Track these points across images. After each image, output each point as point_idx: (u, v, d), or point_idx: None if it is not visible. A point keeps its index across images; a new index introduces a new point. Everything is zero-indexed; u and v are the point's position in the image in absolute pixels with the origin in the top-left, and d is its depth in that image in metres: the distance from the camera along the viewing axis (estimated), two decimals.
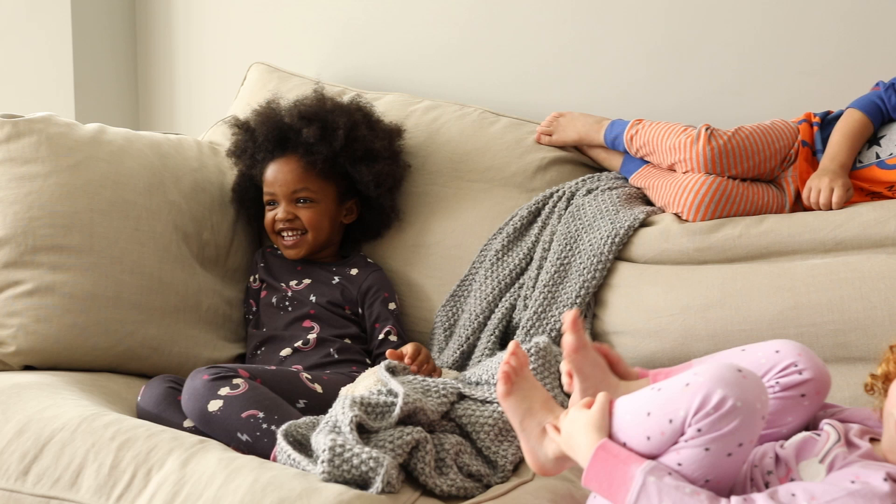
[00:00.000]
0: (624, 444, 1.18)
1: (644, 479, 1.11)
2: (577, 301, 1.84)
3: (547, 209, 2.03)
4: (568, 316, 1.35)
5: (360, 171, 2.01)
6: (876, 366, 1.31)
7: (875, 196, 1.86)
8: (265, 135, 2.01)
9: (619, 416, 1.20)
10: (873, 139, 1.90)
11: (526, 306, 1.91)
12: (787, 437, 1.29)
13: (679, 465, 1.13)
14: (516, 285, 1.96)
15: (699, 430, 1.11)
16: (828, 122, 1.96)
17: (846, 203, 1.82)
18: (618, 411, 1.21)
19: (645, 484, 1.11)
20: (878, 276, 1.66)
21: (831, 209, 1.82)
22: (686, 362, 1.38)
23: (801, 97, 2.11)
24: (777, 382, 1.25)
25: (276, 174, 2.00)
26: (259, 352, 1.93)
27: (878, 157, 1.88)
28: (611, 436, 1.20)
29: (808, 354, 1.26)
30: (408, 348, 1.72)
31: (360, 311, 1.98)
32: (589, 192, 2.03)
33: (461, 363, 1.92)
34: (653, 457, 1.16)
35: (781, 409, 1.25)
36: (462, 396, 1.60)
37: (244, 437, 1.53)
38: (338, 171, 2.01)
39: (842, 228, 1.76)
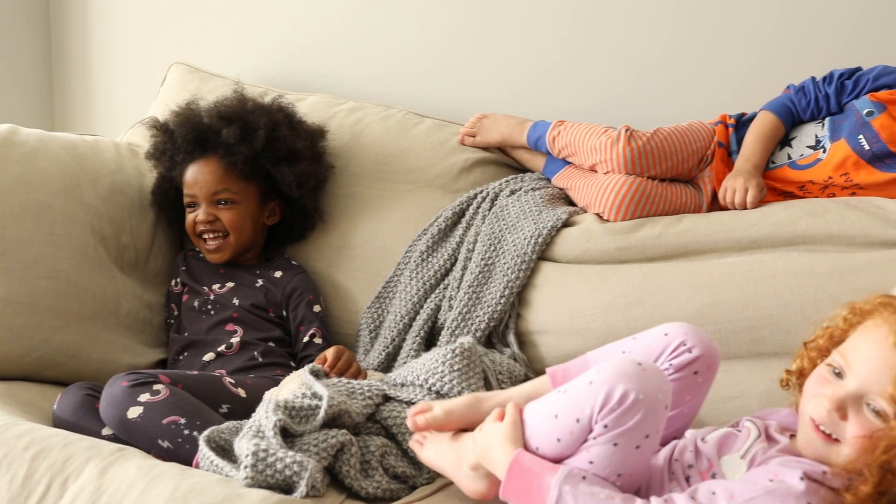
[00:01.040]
0: (537, 449, 1.20)
1: (560, 489, 1.13)
2: (502, 301, 1.86)
3: (471, 210, 2.04)
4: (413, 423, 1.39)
5: (282, 171, 1.99)
6: (789, 361, 1.34)
7: (787, 195, 1.92)
8: (184, 136, 1.98)
9: (530, 423, 1.22)
10: (785, 140, 1.95)
11: (451, 307, 1.92)
12: (689, 416, 1.32)
13: (591, 462, 1.15)
14: (441, 286, 1.97)
15: (606, 427, 1.13)
16: (742, 123, 2.01)
17: (760, 202, 1.87)
18: (528, 418, 1.23)
19: (561, 494, 1.13)
20: (790, 274, 1.71)
21: (746, 208, 1.87)
22: (581, 356, 1.40)
23: (717, 99, 2.16)
24: (670, 364, 1.28)
25: (195, 176, 1.97)
26: (181, 357, 1.89)
27: (789, 157, 1.93)
28: (524, 443, 1.22)
29: (695, 332, 1.30)
30: (329, 353, 1.71)
31: (284, 313, 1.96)
32: (512, 192, 2.05)
33: (387, 365, 1.92)
34: (565, 457, 1.17)
35: (679, 390, 1.28)
36: (387, 398, 1.60)
37: (165, 444, 1.50)
38: (259, 171, 1.99)
39: (756, 227, 1.81)
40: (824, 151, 1.89)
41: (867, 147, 1.84)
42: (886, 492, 1.07)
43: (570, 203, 2.06)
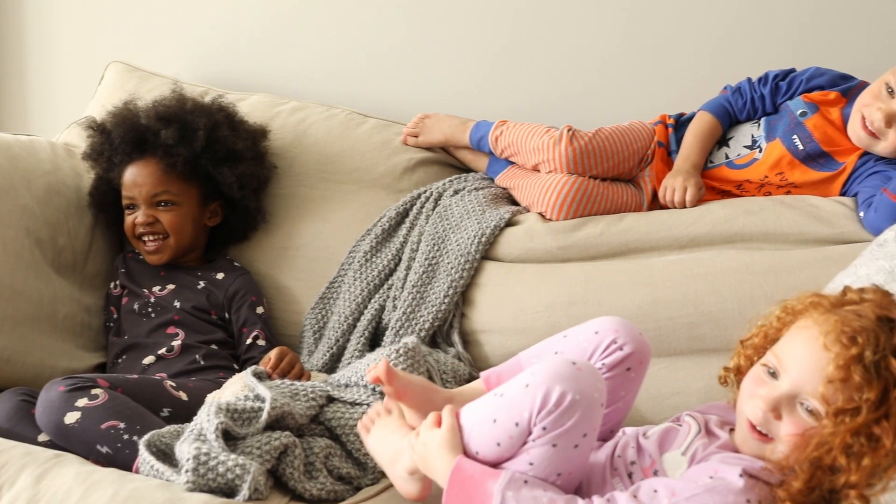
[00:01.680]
0: (476, 454, 1.20)
1: (503, 495, 1.13)
2: (446, 300, 1.86)
3: (415, 210, 2.04)
4: (373, 375, 1.36)
5: (223, 172, 1.97)
6: (728, 357, 1.37)
7: (725, 194, 1.95)
8: (122, 137, 1.95)
9: (468, 428, 1.22)
10: (723, 140, 1.99)
11: (395, 307, 1.92)
12: (624, 410, 1.34)
13: (531, 464, 1.16)
14: (385, 286, 1.96)
15: (544, 429, 1.14)
16: (681, 123, 2.04)
17: (699, 201, 1.91)
18: (465, 422, 1.23)
19: (504, 500, 1.13)
20: (728, 271, 1.75)
21: (685, 207, 1.90)
22: (514, 357, 1.41)
23: (657, 99, 2.19)
24: (603, 364, 1.29)
25: (134, 177, 1.94)
26: (120, 360, 1.86)
27: (727, 157, 1.97)
28: (464, 449, 1.22)
29: (625, 327, 1.31)
30: (272, 355, 1.70)
31: (226, 315, 1.94)
32: (456, 192, 2.05)
33: (331, 366, 1.91)
34: (505, 460, 1.18)
35: (613, 387, 1.29)
36: (331, 399, 1.59)
37: (104, 450, 1.48)
38: (200, 172, 1.97)
39: (695, 226, 1.84)
40: (760, 151, 1.93)
41: (801, 147, 1.88)
42: (816, 487, 1.10)
43: (514, 202, 2.07)
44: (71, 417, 1.49)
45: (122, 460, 1.45)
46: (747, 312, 1.49)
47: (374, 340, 1.92)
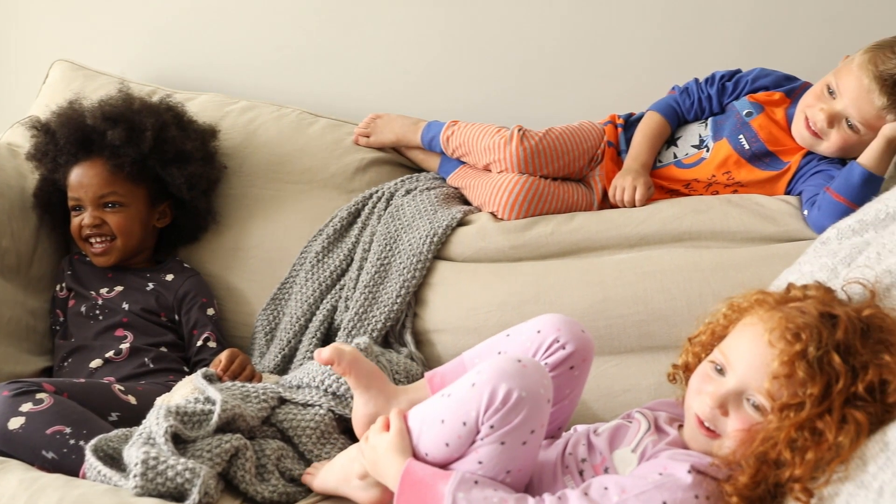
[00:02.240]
0: (426, 456, 1.20)
1: (453, 497, 1.14)
2: (398, 300, 1.86)
3: (366, 210, 2.03)
4: (323, 357, 1.40)
5: (172, 173, 1.95)
6: (677, 355, 1.39)
7: (674, 193, 1.98)
8: (67, 137, 1.92)
9: (416, 430, 1.23)
10: (671, 140, 2.02)
11: (347, 307, 1.91)
12: (570, 407, 1.35)
13: (480, 463, 1.16)
14: (337, 287, 1.96)
15: (492, 427, 1.15)
16: (630, 123, 2.06)
17: (648, 200, 1.93)
18: (413, 425, 1.24)
19: (455, 502, 1.14)
20: (677, 269, 1.77)
21: (635, 206, 1.92)
22: (458, 357, 1.42)
23: (606, 99, 2.21)
24: (546, 363, 1.30)
25: (80, 178, 1.91)
26: (67, 364, 1.83)
27: (675, 156, 1.99)
28: (413, 451, 1.22)
29: (567, 325, 1.33)
30: (223, 357, 1.69)
31: (176, 317, 1.92)
32: (408, 192, 2.05)
33: (283, 367, 1.90)
34: (454, 460, 1.18)
35: (558, 386, 1.31)
36: (283, 401, 1.58)
37: (50, 455, 1.45)
38: (148, 173, 1.94)
39: (644, 224, 1.86)
40: (707, 150, 1.95)
41: (747, 146, 1.91)
42: (762, 482, 1.12)
43: (465, 202, 2.08)
44: (15, 423, 1.46)
45: (69, 466, 1.43)
46: (696, 310, 1.51)
47: (326, 341, 1.91)
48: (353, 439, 1.51)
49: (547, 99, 2.29)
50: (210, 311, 1.93)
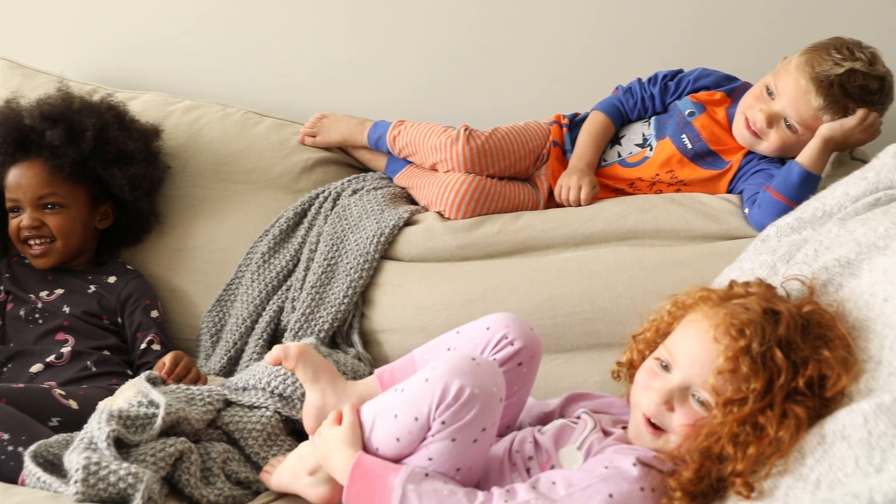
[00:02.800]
0: (377, 450, 1.21)
1: (403, 488, 1.14)
2: (345, 301, 1.85)
3: (313, 210, 2.02)
4: (270, 359, 1.42)
5: (114, 174, 1.91)
6: (622, 353, 1.40)
7: (618, 192, 2.00)
8: (3, 137, 1.88)
9: (369, 424, 1.23)
10: (615, 139, 2.04)
11: (294, 308, 1.90)
12: (519, 405, 1.36)
13: (430, 459, 1.17)
14: (283, 287, 1.95)
15: (443, 423, 1.15)
16: (575, 123, 2.08)
17: (593, 199, 1.95)
18: (366, 419, 1.24)
19: (405, 493, 1.14)
20: (621, 267, 1.79)
21: (580, 205, 1.94)
22: (408, 354, 1.42)
23: (552, 99, 2.23)
24: (494, 360, 1.31)
25: (18, 179, 1.87)
26: (5, 369, 1.78)
27: (619, 155, 2.02)
28: (364, 445, 1.22)
29: (516, 323, 1.34)
30: (167, 359, 1.67)
31: (119, 320, 1.89)
32: (354, 192, 2.05)
33: (229, 369, 1.88)
34: (405, 456, 1.19)
35: (506, 383, 1.31)
36: (229, 403, 1.57)
37: None
38: (89, 174, 1.91)
39: (589, 223, 1.88)
40: (651, 150, 1.98)
41: (689, 146, 1.94)
42: (705, 476, 1.14)
43: (412, 202, 2.08)
44: None
45: (7, 473, 1.40)
46: (640, 307, 1.52)
47: (272, 342, 1.90)
48: (301, 441, 1.50)
49: (493, 99, 2.30)
50: (154, 314, 1.91)
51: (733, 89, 1.99)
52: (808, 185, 1.76)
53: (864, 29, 1.91)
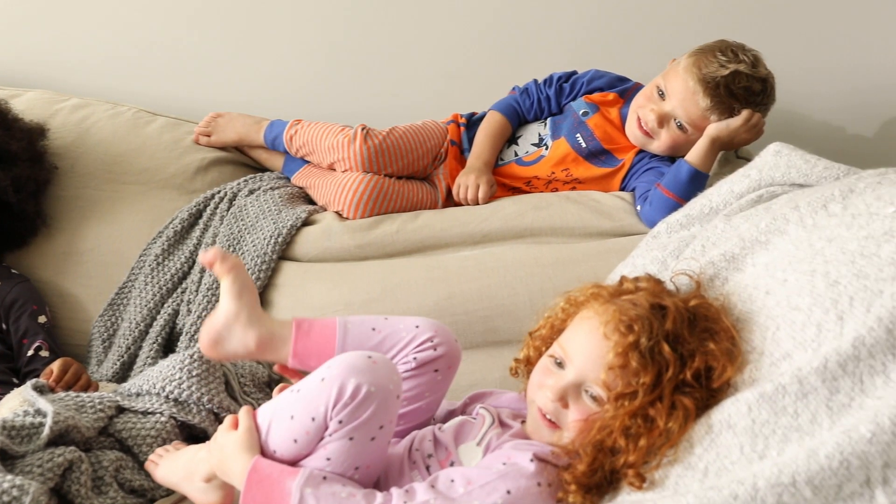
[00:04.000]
0: (274, 453, 1.19)
1: (301, 492, 1.13)
2: None
3: (208, 211, 1.99)
4: (206, 258, 1.34)
5: None
6: (519, 350, 1.42)
7: (516, 191, 2.03)
8: None
9: (265, 427, 1.21)
10: (512, 139, 2.07)
11: (190, 311, 1.86)
12: (427, 412, 1.36)
13: (328, 459, 1.16)
14: (179, 290, 1.91)
15: (341, 422, 1.15)
16: (473, 122, 2.10)
17: (491, 198, 1.97)
18: (262, 422, 1.22)
19: (303, 497, 1.13)
20: (519, 265, 1.81)
21: (478, 204, 1.96)
22: (331, 318, 1.37)
23: (449, 99, 2.25)
24: (414, 358, 1.31)
25: None
26: None
27: (516, 155, 2.04)
28: (262, 449, 1.20)
29: (444, 332, 1.34)
30: (54, 367, 1.62)
31: (4, 327, 1.83)
32: (251, 192, 2.02)
33: (122, 375, 1.84)
34: (303, 457, 1.18)
35: (418, 386, 1.32)
36: (122, 409, 1.53)
37: None
38: None
39: (487, 222, 1.90)
40: (547, 149, 2.01)
41: (584, 145, 1.98)
42: (599, 469, 1.16)
43: (310, 202, 2.06)
44: None
45: None
46: (538, 304, 1.54)
47: (168, 346, 1.86)
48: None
49: (391, 98, 2.30)
50: (41, 319, 1.84)
51: (625, 90, 2.04)
52: (697, 182, 1.82)
53: (747, 31, 1.99)
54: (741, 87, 1.84)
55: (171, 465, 1.36)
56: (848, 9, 2.27)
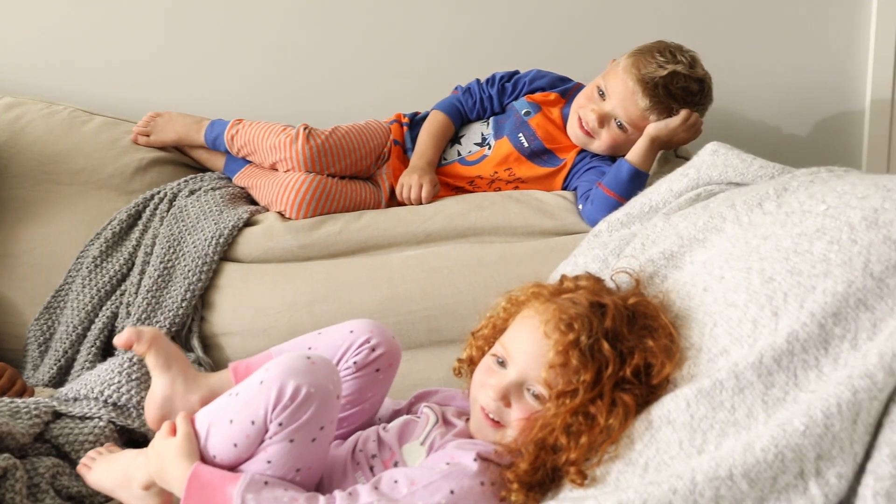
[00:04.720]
0: (214, 458, 1.18)
1: (242, 498, 1.12)
2: (183, 304, 1.80)
3: (148, 212, 1.96)
4: (121, 341, 1.37)
5: None
6: (462, 349, 1.43)
7: (459, 190, 2.03)
8: None
9: (204, 432, 1.20)
10: (455, 138, 2.07)
11: (129, 313, 1.83)
12: (371, 412, 1.36)
13: (269, 462, 1.15)
14: (118, 292, 1.88)
15: (281, 424, 1.14)
16: (416, 122, 2.10)
17: (434, 198, 1.97)
18: (201, 427, 1.21)
19: (244, 503, 1.12)
20: (462, 264, 1.82)
21: (422, 203, 1.96)
22: (266, 351, 1.41)
23: (392, 98, 2.24)
24: (354, 362, 1.32)
25: None
26: None
27: (459, 154, 2.05)
28: (201, 455, 1.19)
29: (380, 330, 1.35)
30: None
31: None
32: (192, 192, 2.00)
33: (59, 379, 1.80)
34: (244, 461, 1.17)
35: (360, 387, 1.32)
36: (59, 415, 1.50)
37: None
38: None
39: (431, 221, 1.90)
40: (489, 148, 2.02)
41: (526, 144, 1.99)
42: (541, 467, 1.17)
43: (252, 202, 2.04)
44: None
45: None
46: (481, 304, 1.54)
47: (106, 350, 1.83)
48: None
49: (333, 97, 2.29)
50: None
51: (567, 90, 2.06)
52: (637, 181, 1.84)
53: (686, 32, 2.02)
54: (679, 87, 1.87)
55: (106, 471, 1.33)
56: (782, 10, 2.32)
